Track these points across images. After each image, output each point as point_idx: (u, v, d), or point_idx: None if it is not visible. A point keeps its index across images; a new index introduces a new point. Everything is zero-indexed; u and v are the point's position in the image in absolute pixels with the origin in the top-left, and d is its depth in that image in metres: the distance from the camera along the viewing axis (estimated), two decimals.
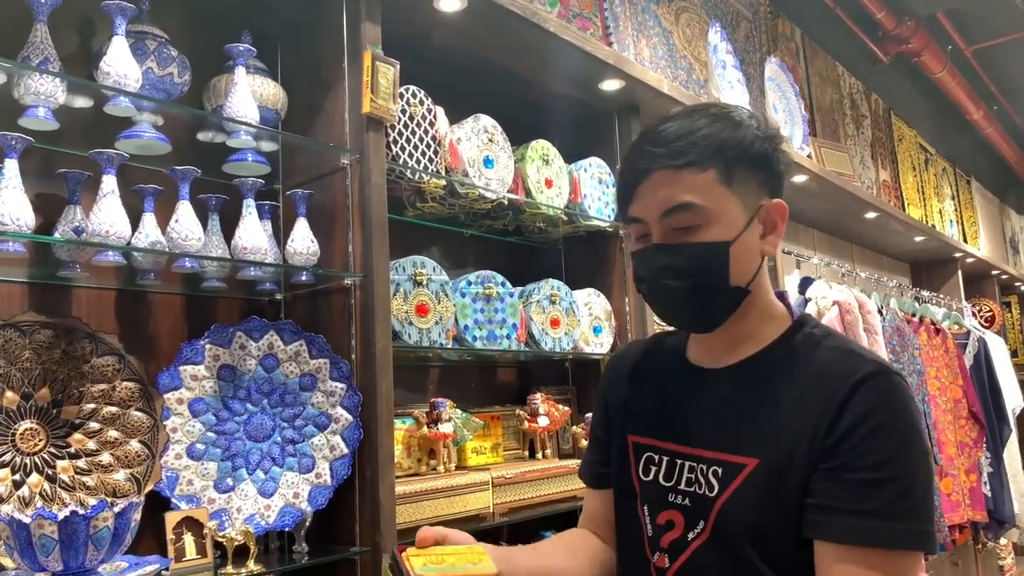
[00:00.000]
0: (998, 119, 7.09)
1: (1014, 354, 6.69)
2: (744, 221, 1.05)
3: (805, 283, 3.55)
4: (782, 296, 1.16)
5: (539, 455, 2.35)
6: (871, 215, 4.20)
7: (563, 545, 1.25)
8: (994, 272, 6.31)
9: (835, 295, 3.54)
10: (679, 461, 1.10)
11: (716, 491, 1.03)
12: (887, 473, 0.94)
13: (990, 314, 6.23)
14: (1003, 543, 5.28)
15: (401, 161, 1.88)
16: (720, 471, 1.04)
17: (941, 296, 5.19)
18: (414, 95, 1.95)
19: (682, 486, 1.08)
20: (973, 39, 6.02)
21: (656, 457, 1.13)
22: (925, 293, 4.88)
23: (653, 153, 1.04)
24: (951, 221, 6.11)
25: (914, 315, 4.26)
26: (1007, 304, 7.16)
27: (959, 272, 5.70)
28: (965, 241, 6.18)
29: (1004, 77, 6.76)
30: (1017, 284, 6.92)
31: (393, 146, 1.87)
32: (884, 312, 3.88)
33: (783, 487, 0.98)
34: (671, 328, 1.22)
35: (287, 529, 1.65)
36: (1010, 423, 4.78)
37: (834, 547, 0.95)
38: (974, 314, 5.81)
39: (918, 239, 4.97)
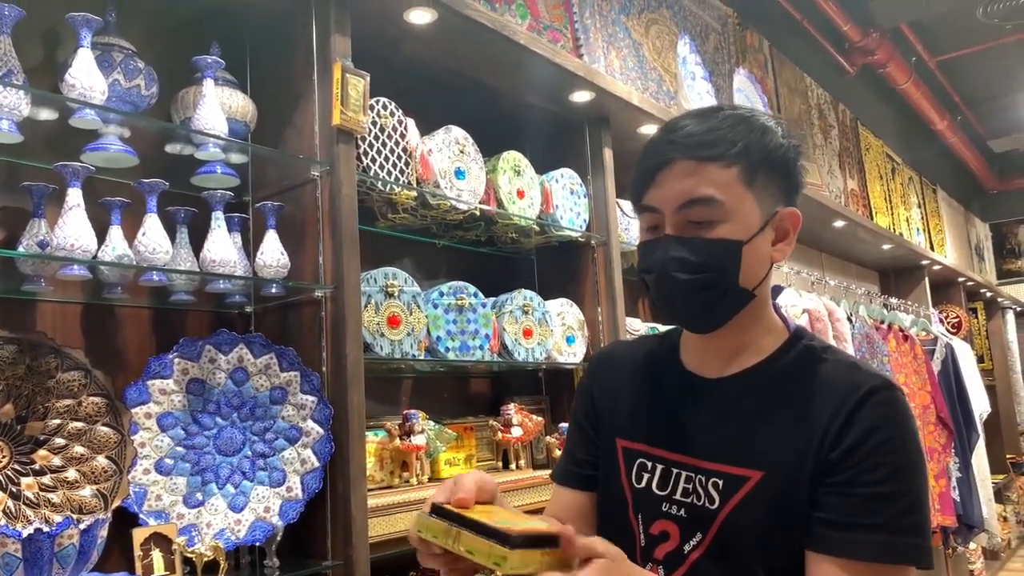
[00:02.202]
0: (962, 129, 7.25)
1: (980, 360, 6.82)
2: (759, 224, 1.03)
3: (776, 291, 3.59)
4: (776, 308, 1.14)
5: (513, 466, 2.34)
6: (839, 224, 4.26)
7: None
8: (960, 279, 6.43)
9: (805, 303, 3.58)
10: (675, 470, 1.07)
11: (717, 503, 1.02)
12: (893, 488, 0.94)
13: (957, 320, 6.34)
14: (972, 548, 5.35)
15: (372, 173, 1.88)
16: (721, 483, 1.02)
17: (909, 303, 5.27)
18: (384, 107, 1.95)
19: (678, 496, 1.06)
20: (937, 51, 6.15)
21: (649, 464, 1.10)
22: (893, 300, 4.95)
23: (679, 143, 1.02)
24: (918, 229, 6.21)
25: (883, 322, 4.32)
26: (973, 310, 7.30)
27: (926, 279, 5.80)
28: (932, 249, 6.28)
29: (967, 88, 6.91)
30: (983, 291, 7.06)
31: (364, 158, 1.86)
32: (853, 319, 3.93)
33: (788, 500, 0.98)
34: (660, 331, 1.21)
35: (258, 544, 1.63)
36: (978, 428, 4.85)
37: (836, 560, 0.94)
38: (941, 320, 5.91)
39: (886, 247, 5.05)
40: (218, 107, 1.66)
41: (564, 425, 2.44)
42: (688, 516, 1.05)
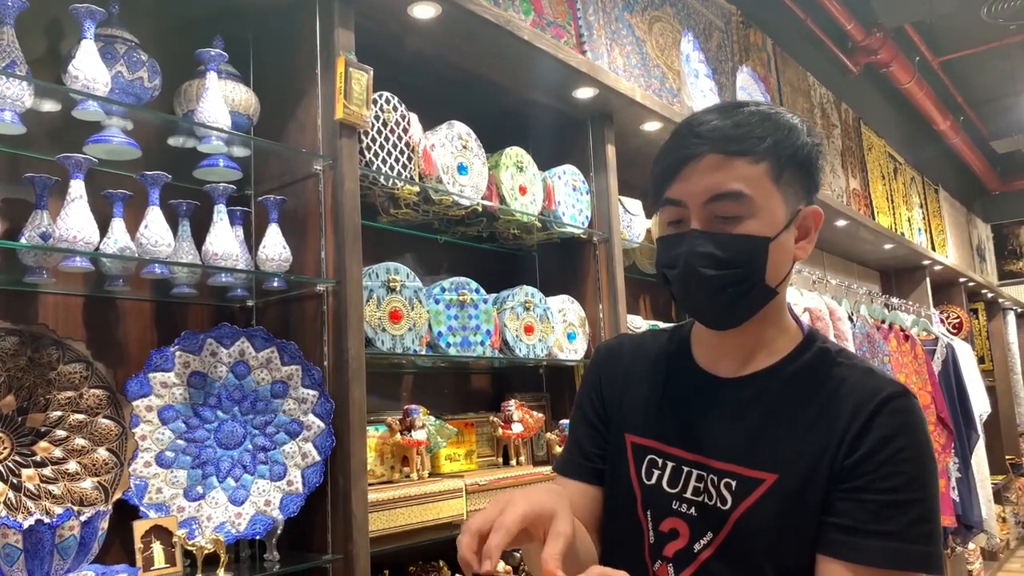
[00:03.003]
0: (964, 130, 7.25)
1: (981, 360, 6.82)
2: (784, 220, 1.02)
3: None
4: (788, 308, 1.13)
5: (513, 462, 2.34)
6: (841, 223, 4.26)
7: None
8: (961, 279, 6.42)
9: (806, 302, 3.58)
10: (686, 468, 1.06)
11: (730, 504, 1.01)
12: (907, 496, 0.94)
13: (958, 321, 6.33)
14: (971, 548, 5.36)
15: (374, 167, 1.88)
16: (734, 484, 1.01)
17: (910, 303, 5.27)
18: (388, 101, 1.95)
19: (688, 494, 1.05)
20: (940, 51, 6.15)
21: (660, 461, 1.09)
22: (894, 300, 4.95)
23: (706, 137, 1.00)
24: (919, 229, 6.21)
25: (883, 322, 4.32)
26: (974, 311, 7.29)
27: (927, 279, 5.79)
28: (933, 249, 6.29)
29: (970, 89, 6.91)
30: (984, 291, 7.05)
31: (366, 152, 1.86)
32: (854, 319, 3.93)
33: (802, 504, 0.98)
34: (664, 327, 1.19)
35: (258, 537, 1.63)
36: (977, 429, 4.85)
37: (847, 565, 0.94)
38: (942, 321, 5.91)
39: (887, 247, 5.05)
40: (221, 100, 1.66)
41: (565, 422, 2.43)
42: (698, 515, 1.04)
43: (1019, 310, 8.04)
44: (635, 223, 2.75)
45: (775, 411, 1.03)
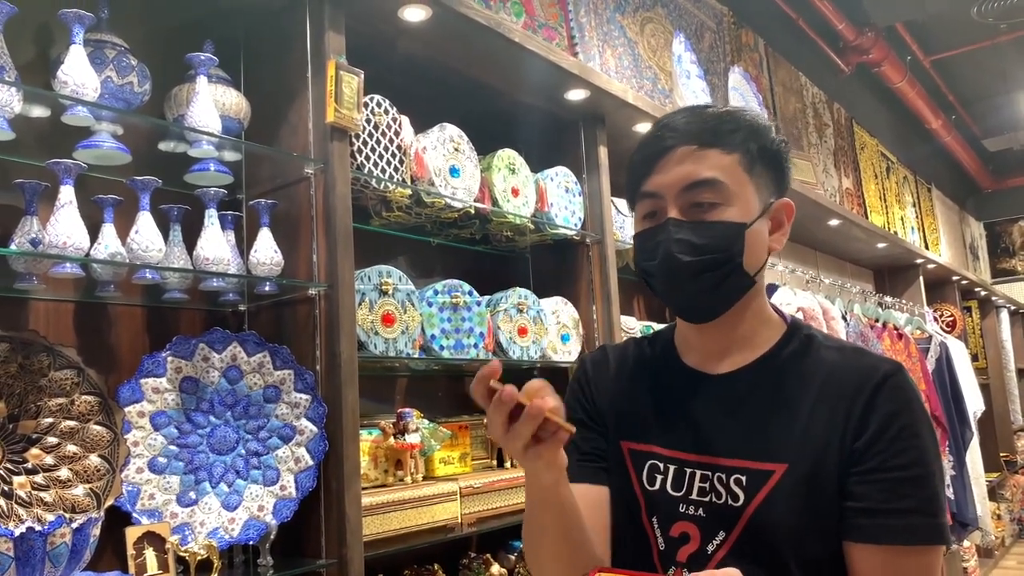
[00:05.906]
0: (956, 128, 7.27)
1: (975, 358, 6.84)
2: (759, 210, 1.05)
3: (770, 290, 3.59)
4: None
5: (508, 464, 2.34)
6: (834, 222, 4.27)
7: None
8: (955, 278, 6.43)
9: (800, 301, 3.59)
10: (688, 470, 1.06)
11: (742, 500, 1.00)
12: (920, 471, 0.96)
13: (951, 319, 6.34)
14: (966, 545, 5.37)
15: (366, 170, 1.88)
16: (744, 479, 1.01)
17: (903, 302, 5.28)
18: (379, 104, 1.94)
19: (694, 496, 1.04)
20: (931, 50, 6.17)
21: (661, 465, 1.08)
22: (888, 299, 4.96)
23: (679, 131, 1.04)
24: (912, 228, 6.23)
25: (877, 320, 4.33)
26: (967, 309, 7.31)
27: (921, 278, 5.80)
28: (926, 247, 6.30)
29: (962, 87, 6.93)
30: (977, 289, 7.06)
31: (358, 155, 1.86)
32: (848, 318, 3.94)
33: (816, 491, 0.98)
34: (648, 333, 1.20)
35: (252, 543, 1.62)
36: (971, 426, 4.86)
37: (877, 547, 0.95)
38: (935, 319, 5.92)
39: (880, 246, 5.06)
40: (211, 104, 1.65)
41: None
42: (708, 515, 1.03)
43: (1012, 308, 8.07)
44: (628, 224, 2.76)
45: (773, 401, 1.04)
